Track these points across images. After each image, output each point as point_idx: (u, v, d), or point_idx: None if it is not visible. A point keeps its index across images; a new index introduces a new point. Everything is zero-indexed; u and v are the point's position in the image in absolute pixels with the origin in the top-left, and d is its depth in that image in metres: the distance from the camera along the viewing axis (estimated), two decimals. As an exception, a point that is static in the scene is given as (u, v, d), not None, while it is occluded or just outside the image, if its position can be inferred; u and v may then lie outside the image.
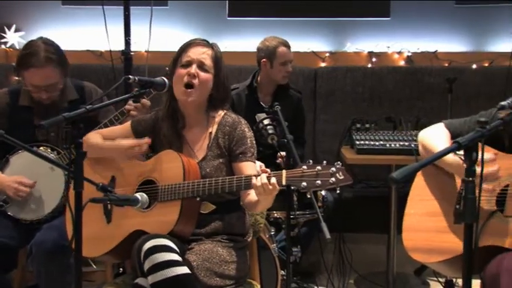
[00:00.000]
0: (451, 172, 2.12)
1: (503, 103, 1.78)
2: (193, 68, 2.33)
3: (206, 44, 2.40)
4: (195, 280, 2.14)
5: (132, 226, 2.32)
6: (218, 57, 2.39)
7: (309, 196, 2.17)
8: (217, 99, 2.42)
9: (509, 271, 1.76)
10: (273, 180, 2.07)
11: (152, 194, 2.29)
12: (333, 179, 2.00)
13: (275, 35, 3.81)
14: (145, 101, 2.69)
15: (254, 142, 2.42)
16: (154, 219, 2.28)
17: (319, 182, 2.01)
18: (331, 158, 2.15)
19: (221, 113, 2.44)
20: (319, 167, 2.03)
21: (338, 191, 2.06)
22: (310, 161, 2.08)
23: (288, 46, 3.74)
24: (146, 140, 2.40)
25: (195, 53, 2.35)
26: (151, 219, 2.29)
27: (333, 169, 2.01)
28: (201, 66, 2.34)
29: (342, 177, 2.01)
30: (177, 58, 2.38)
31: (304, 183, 2.03)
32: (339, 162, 2.05)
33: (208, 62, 2.35)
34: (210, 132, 2.40)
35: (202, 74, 2.34)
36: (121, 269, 3.17)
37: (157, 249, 2.09)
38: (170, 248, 2.11)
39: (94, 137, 2.49)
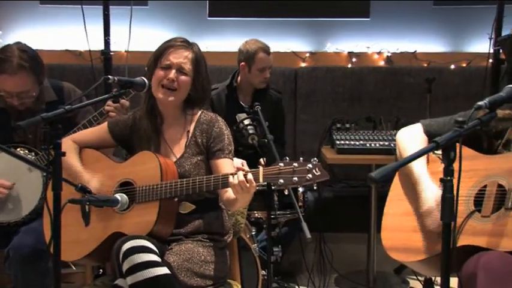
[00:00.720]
0: (412, 180, 2.14)
1: (480, 103, 1.79)
2: (172, 73, 2.33)
3: (187, 46, 2.39)
4: (174, 281, 2.14)
5: (110, 228, 2.30)
6: (198, 60, 2.40)
7: (286, 193, 2.18)
8: (195, 99, 2.42)
9: (486, 270, 1.78)
10: (250, 176, 2.08)
11: (130, 195, 2.28)
12: (310, 175, 2.02)
13: (257, 38, 3.80)
14: (124, 101, 2.67)
15: (231, 139, 2.42)
16: (133, 220, 2.27)
17: (296, 178, 2.03)
18: (312, 158, 2.16)
19: (198, 111, 2.45)
20: (295, 164, 2.04)
21: (315, 187, 2.08)
22: (287, 157, 2.10)
23: (267, 52, 3.71)
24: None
25: (175, 57, 2.35)
26: (129, 220, 2.28)
27: (310, 165, 2.03)
28: (181, 70, 2.35)
29: (318, 173, 2.03)
30: (157, 58, 2.37)
31: (281, 180, 2.04)
32: (315, 159, 2.06)
33: (187, 66, 2.36)
34: (188, 131, 2.41)
35: (181, 78, 2.35)
36: (101, 270, 3.14)
37: (136, 250, 2.08)
38: (149, 249, 2.10)
39: (67, 150, 2.11)
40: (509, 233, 1.85)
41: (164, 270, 2.08)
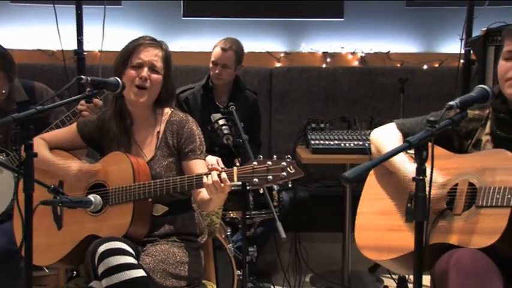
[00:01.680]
0: (395, 171, 2.15)
1: (451, 103, 1.82)
2: (145, 71, 2.32)
3: (156, 44, 2.38)
4: (150, 283, 2.12)
5: (84, 231, 2.28)
6: (168, 57, 2.39)
7: (261, 192, 2.18)
8: (164, 98, 2.41)
9: (458, 267, 1.81)
10: (224, 175, 2.08)
11: (102, 197, 2.24)
12: (284, 173, 2.02)
13: (232, 36, 3.80)
14: (98, 100, 2.64)
15: (203, 139, 2.42)
16: (107, 223, 2.25)
17: (270, 177, 2.03)
18: (286, 156, 2.16)
19: (168, 111, 2.43)
20: (269, 162, 2.04)
21: (290, 185, 2.08)
22: (261, 156, 2.10)
23: (224, 50, 3.69)
24: None
25: (146, 55, 2.33)
26: (103, 223, 2.26)
27: (284, 163, 2.03)
28: (152, 68, 2.33)
29: (293, 171, 2.03)
30: (127, 57, 2.35)
31: (256, 179, 2.04)
32: (289, 156, 2.07)
33: (159, 63, 2.35)
34: (158, 132, 2.39)
35: (154, 76, 2.34)
36: (74, 273, 3.11)
37: (111, 252, 2.06)
38: (125, 251, 2.09)
39: (38, 147, 2.21)
40: (480, 230, 1.88)
41: (140, 272, 2.07)
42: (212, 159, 2.91)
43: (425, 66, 4.71)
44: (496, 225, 1.84)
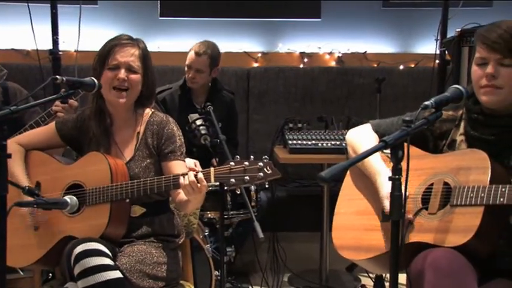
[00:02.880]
0: (367, 171, 2.17)
1: (426, 103, 1.84)
2: (122, 73, 2.29)
3: (132, 42, 2.36)
4: (127, 284, 2.11)
5: (61, 233, 2.26)
6: (145, 55, 2.37)
7: (238, 192, 2.18)
8: (146, 96, 2.39)
9: (434, 267, 1.82)
10: (200, 176, 2.08)
11: (80, 198, 2.23)
12: (261, 173, 2.03)
13: (209, 38, 3.79)
14: (73, 101, 2.62)
15: (183, 141, 2.41)
16: (84, 223, 2.23)
17: (247, 177, 2.03)
18: (263, 156, 2.17)
19: (148, 111, 2.42)
20: (246, 163, 2.05)
21: (267, 186, 2.09)
22: (238, 156, 2.10)
23: (198, 54, 3.67)
24: None
25: (122, 55, 2.31)
26: (80, 224, 2.24)
27: (261, 164, 2.04)
28: (130, 68, 2.31)
29: (269, 171, 2.04)
30: (103, 59, 2.32)
31: (233, 180, 2.04)
32: (266, 157, 2.07)
33: (136, 63, 2.33)
34: (138, 132, 2.38)
35: (132, 76, 2.31)
36: (50, 275, 3.07)
37: (88, 253, 2.05)
38: (102, 252, 2.07)
39: (12, 158, 2.02)
40: (454, 229, 1.90)
41: (117, 274, 2.06)
42: (190, 162, 2.90)
43: (401, 67, 4.76)
44: (470, 223, 1.87)
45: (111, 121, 2.40)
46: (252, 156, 2.08)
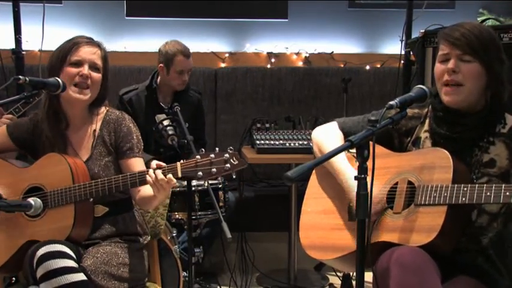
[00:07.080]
0: (333, 171, 2.19)
1: (391, 102, 1.86)
2: (86, 69, 2.27)
3: (94, 43, 2.34)
4: (91, 286, 2.08)
5: (23, 237, 2.20)
6: (106, 58, 2.36)
7: (206, 185, 2.18)
8: (101, 98, 2.37)
9: (399, 263, 1.84)
10: (167, 173, 2.07)
11: (41, 200, 2.19)
12: (228, 165, 2.04)
13: (176, 38, 3.75)
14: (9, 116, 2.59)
15: (140, 137, 2.39)
16: (48, 227, 2.19)
17: (214, 169, 2.04)
18: (228, 147, 2.17)
19: (103, 109, 2.40)
20: (212, 155, 2.05)
21: (234, 176, 2.10)
22: (203, 149, 2.10)
23: (187, 55, 3.67)
24: None
25: (86, 52, 2.28)
26: (44, 227, 2.19)
27: (227, 155, 2.05)
28: (93, 66, 2.29)
29: (236, 162, 2.06)
30: (64, 55, 2.29)
31: (200, 173, 2.05)
32: (231, 148, 2.08)
33: (99, 62, 2.31)
34: (94, 130, 2.35)
35: (95, 74, 2.29)
36: (13, 279, 3.01)
37: (51, 255, 2.02)
38: (65, 254, 2.04)
39: None
40: (419, 228, 1.93)
41: (81, 276, 2.03)
42: (153, 165, 2.89)
43: (367, 67, 4.81)
44: (434, 223, 1.89)
45: (66, 122, 2.35)
46: (217, 148, 2.08)
